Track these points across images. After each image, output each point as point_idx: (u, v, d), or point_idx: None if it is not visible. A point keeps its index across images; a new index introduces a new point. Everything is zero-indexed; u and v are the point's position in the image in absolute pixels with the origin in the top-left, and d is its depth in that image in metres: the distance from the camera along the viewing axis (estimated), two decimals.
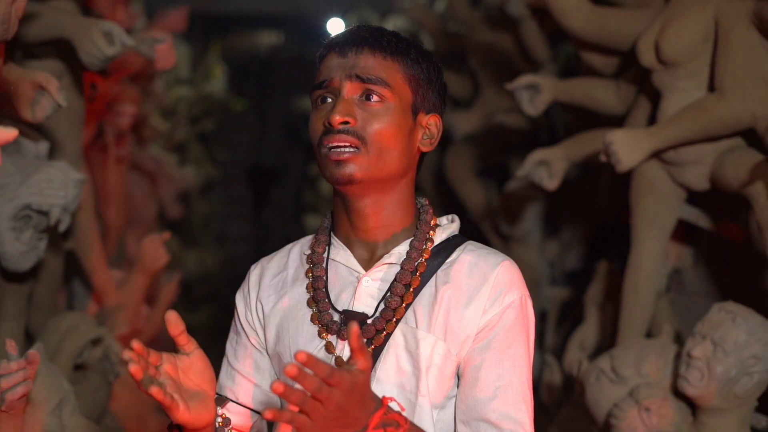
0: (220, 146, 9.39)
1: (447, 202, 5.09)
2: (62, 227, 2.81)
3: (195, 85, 8.05)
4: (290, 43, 11.78)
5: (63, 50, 3.03)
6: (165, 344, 5.06)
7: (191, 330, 1.70)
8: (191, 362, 1.69)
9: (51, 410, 2.52)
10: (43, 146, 2.88)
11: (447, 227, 1.89)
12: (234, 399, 1.96)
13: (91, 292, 3.75)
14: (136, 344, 1.61)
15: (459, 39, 5.13)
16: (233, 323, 1.98)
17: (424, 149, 1.86)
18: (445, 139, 5.01)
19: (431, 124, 1.85)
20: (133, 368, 1.57)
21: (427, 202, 1.91)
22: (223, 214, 10.38)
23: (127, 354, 1.59)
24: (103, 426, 3.21)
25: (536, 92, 3.38)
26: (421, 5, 5.81)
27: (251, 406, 1.96)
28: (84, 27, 2.83)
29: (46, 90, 2.59)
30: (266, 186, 11.41)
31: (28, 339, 3.13)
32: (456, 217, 1.92)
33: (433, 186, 5.36)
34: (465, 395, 1.79)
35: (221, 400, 1.97)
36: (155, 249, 3.74)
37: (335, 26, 8.91)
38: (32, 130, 2.89)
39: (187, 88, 7.66)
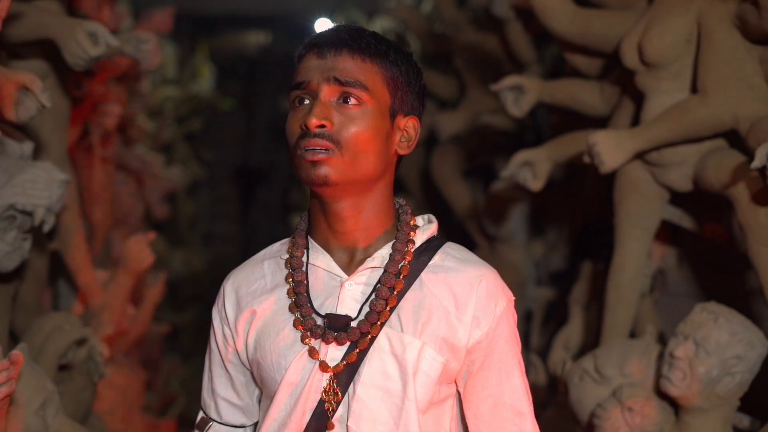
0: (207, 146, 9.38)
1: (433, 203, 5.10)
2: (46, 228, 2.80)
3: (182, 85, 8.03)
4: (278, 43, 11.77)
5: (48, 50, 3.02)
6: (150, 344, 5.06)
7: (178, 330, 1.71)
8: None
9: (34, 410, 2.52)
10: (28, 146, 2.87)
11: (426, 228, 1.89)
12: (217, 419, 1.96)
13: (76, 293, 3.74)
14: None
15: (445, 40, 5.15)
16: (210, 339, 1.96)
17: (401, 152, 1.85)
18: (431, 140, 5.02)
19: (409, 126, 1.84)
20: None
21: (405, 203, 1.91)
22: (209, 214, 10.36)
23: None
24: (88, 426, 3.21)
25: (521, 93, 3.39)
26: (408, 6, 5.82)
27: (236, 424, 1.96)
28: (68, 27, 2.83)
29: (29, 90, 2.58)
30: (253, 186, 11.40)
31: (13, 339, 3.13)
32: (433, 217, 1.92)
33: (419, 186, 5.37)
34: (482, 412, 1.84)
35: (205, 422, 1.97)
36: (140, 249, 3.73)
37: (323, 26, 8.89)
38: (17, 130, 2.88)
39: (173, 87, 7.65)
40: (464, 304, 1.79)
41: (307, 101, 1.78)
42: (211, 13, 10.27)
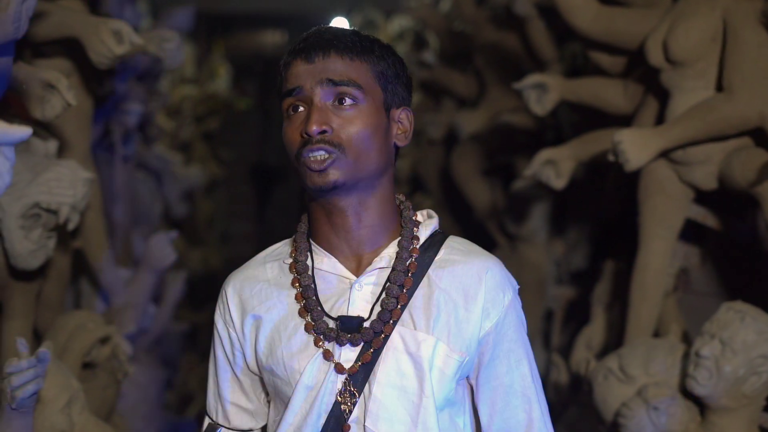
0: (224, 145, 9.37)
1: (452, 202, 5.10)
2: (71, 226, 2.81)
3: (200, 84, 8.03)
4: (294, 42, 11.76)
5: (71, 49, 3.03)
6: (171, 342, 5.06)
7: (195, 329, 1.69)
8: None
9: (60, 408, 2.52)
10: (53, 145, 2.88)
11: (428, 223, 1.88)
12: (226, 425, 1.95)
13: (98, 291, 3.74)
14: None
15: (464, 38, 5.14)
16: (213, 343, 1.94)
17: (400, 144, 1.85)
18: (451, 139, 5.02)
19: (403, 117, 1.84)
20: None
21: (405, 198, 1.90)
22: (226, 212, 10.36)
23: None
24: (110, 424, 3.21)
25: (544, 91, 3.38)
26: (427, 4, 5.81)
27: (245, 428, 1.95)
28: (93, 26, 2.84)
29: (56, 89, 2.59)
30: (269, 185, 11.39)
31: (36, 337, 3.14)
32: (433, 212, 1.91)
33: (438, 185, 5.36)
34: (493, 401, 1.84)
35: (213, 428, 1.96)
36: (163, 248, 3.73)
37: (339, 25, 8.87)
38: (41, 128, 2.90)
39: (191, 87, 7.66)
40: (473, 296, 1.79)
41: (302, 108, 1.77)
42: (227, 12, 10.27)
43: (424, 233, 1.85)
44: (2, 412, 2.21)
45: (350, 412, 1.77)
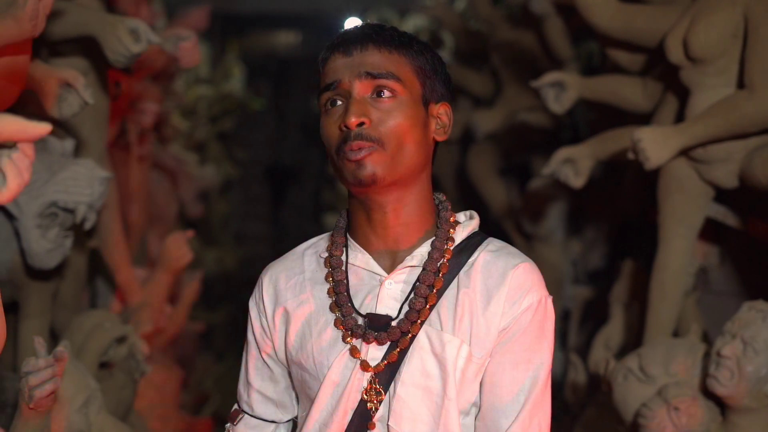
0: (239, 145, 9.38)
1: (468, 201, 5.07)
2: (88, 225, 2.81)
3: (215, 84, 8.04)
4: (308, 42, 11.79)
5: (87, 48, 3.03)
6: (187, 342, 5.04)
7: (211, 329, 1.69)
8: None
9: (77, 408, 2.52)
10: (69, 144, 2.88)
11: (467, 225, 1.85)
12: (249, 411, 1.95)
13: (113, 291, 3.75)
14: None
15: (480, 37, 5.12)
16: (247, 331, 1.95)
17: (439, 138, 1.84)
18: (467, 138, 5.00)
19: (442, 113, 1.83)
20: None
21: (444, 198, 1.88)
22: (241, 213, 10.38)
23: None
24: (127, 424, 3.21)
25: (562, 90, 3.36)
26: (442, 3, 5.79)
27: (267, 418, 1.95)
28: (110, 24, 2.83)
29: (72, 87, 2.59)
30: (284, 185, 11.42)
31: (53, 337, 3.14)
32: (474, 214, 1.89)
33: (455, 184, 5.35)
34: (483, 400, 1.78)
35: (237, 413, 1.96)
36: (179, 247, 3.73)
37: (353, 25, 8.87)
38: (58, 127, 2.89)
39: (206, 87, 7.66)
40: (495, 296, 1.76)
41: (340, 102, 1.76)
42: (241, 12, 10.28)
43: (460, 235, 1.83)
44: (19, 412, 2.20)
45: (376, 410, 1.76)
